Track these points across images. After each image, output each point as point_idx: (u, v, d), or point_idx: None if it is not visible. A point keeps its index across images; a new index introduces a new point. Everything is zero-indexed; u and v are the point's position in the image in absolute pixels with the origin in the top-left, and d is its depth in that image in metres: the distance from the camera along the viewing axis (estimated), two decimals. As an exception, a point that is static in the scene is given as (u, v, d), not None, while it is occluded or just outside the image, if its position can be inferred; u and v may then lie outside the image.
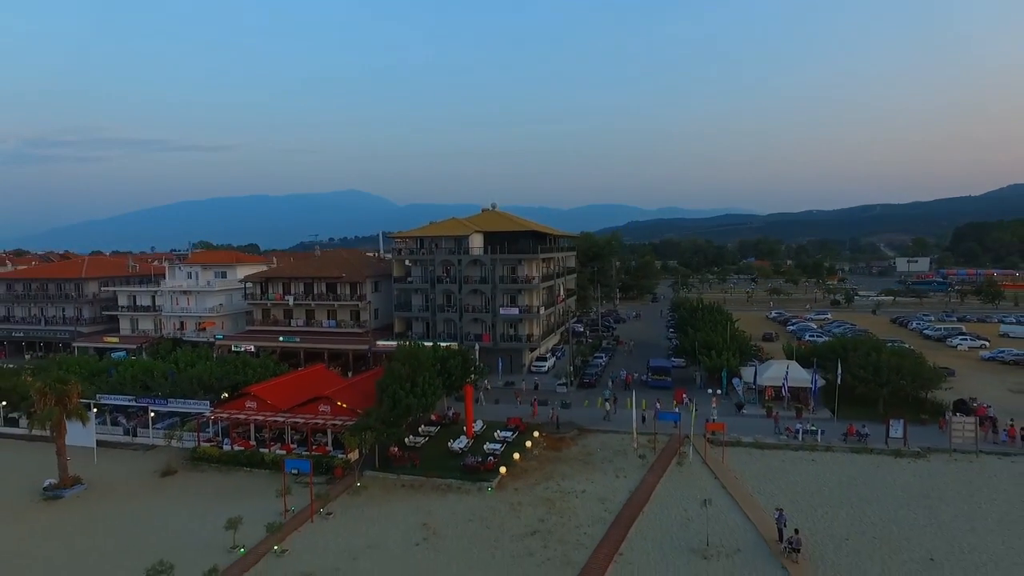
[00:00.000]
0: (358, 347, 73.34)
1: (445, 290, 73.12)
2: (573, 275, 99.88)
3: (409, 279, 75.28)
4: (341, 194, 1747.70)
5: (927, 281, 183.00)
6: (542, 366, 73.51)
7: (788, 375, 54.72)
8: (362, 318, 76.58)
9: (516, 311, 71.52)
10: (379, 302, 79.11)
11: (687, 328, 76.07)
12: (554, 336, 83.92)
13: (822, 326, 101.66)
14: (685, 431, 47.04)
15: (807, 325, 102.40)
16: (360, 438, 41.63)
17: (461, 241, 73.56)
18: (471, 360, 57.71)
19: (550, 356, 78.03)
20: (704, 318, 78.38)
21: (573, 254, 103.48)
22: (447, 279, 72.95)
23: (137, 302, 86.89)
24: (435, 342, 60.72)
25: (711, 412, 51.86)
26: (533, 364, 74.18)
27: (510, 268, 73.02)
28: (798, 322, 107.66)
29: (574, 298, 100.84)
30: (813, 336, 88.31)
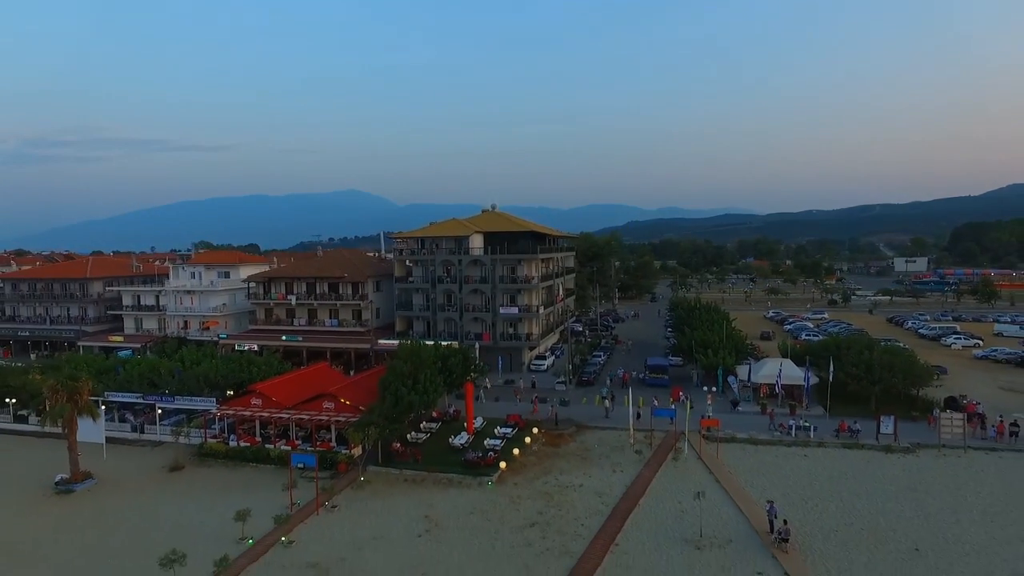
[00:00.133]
0: (360, 346, 74.41)
1: (446, 290, 74.20)
2: (572, 275, 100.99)
3: (410, 279, 76.37)
4: (341, 194, 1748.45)
5: (924, 281, 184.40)
6: (541, 364, 74.54)
7: (782, 373, 55.82)
8: (364, 317, 77.62)
9: (516, 310, 72.63)
10: (381, 301, 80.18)
11: (684, 327, 76.94)
12: (553, 335, 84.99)
13: (819, 325, 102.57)
14: (681, 427, 48.09)
15: (804, 324, 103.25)
16: (364, 434, 42.62)
17: (461, 241, 74.63)
18: (471, 358, 58.71)
19: (549, 355, 79.02)
20: (701, 317, 79.20)
21: (572, 254, 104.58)
22: (448, 279, 74.03)
23: (141, 302, 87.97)
24: (436, 341, 61.84)
25: (706, 409, 52.91)
26: (532, 362, 75.23)
27: (510, 268, 74.10)
28: (795, 321, 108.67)
29: (573, 298, 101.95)
30: (809, 335, 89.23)
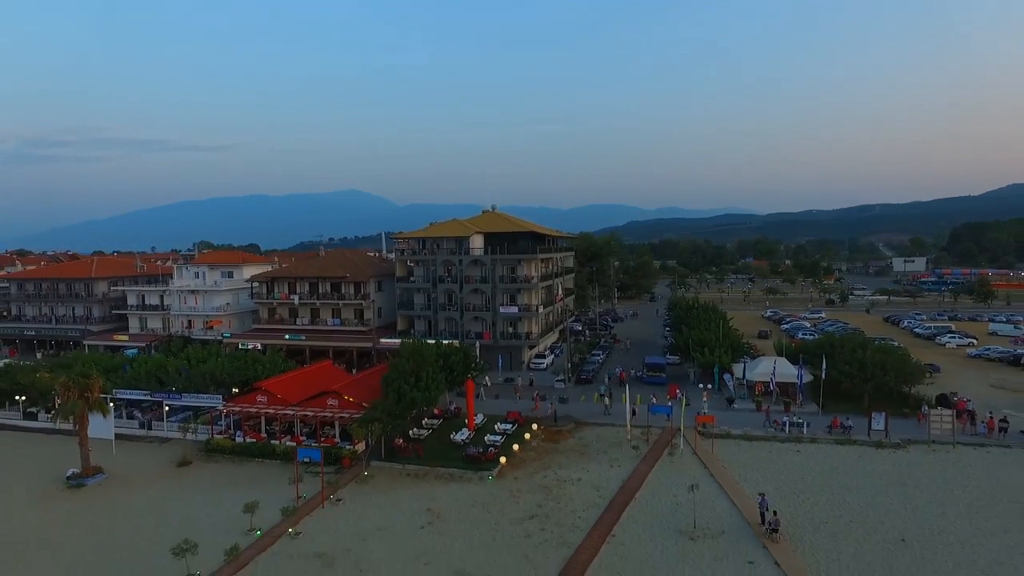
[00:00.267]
0: (362, 345, 75.51)
1: (446, 289, 75.27)
2: (571, 275, 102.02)
3: (412, 279, 77.43)
4: (341, 194, 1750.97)
5: (923, 281, 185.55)
6: (541, 363, 75.57)
7: (776, 371, 56.88)
8: (366, 316, 78.71)
9: (515, 310, 73.70)
10: (382, 301, 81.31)
11: (682, 326, 78.03)
12: (553, 334, 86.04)
13: (815, 324, 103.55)
14: (677, 424, 49.13)
15: (801, 324, 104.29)
16: (367, 430, 43.77)
17: (462, 242, 75.70)
18: (472, 357, 59.76)
19: (548, 353, 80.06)
20: (699, 317, 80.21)
21: (571, 254, 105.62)
22: (448, 279, 75.10)
23: (146, 301, 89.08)
24: (437, 340, 62.99)
25: (702, 406, 53.96)
26: (532, 361, 76.29)
27: (510, 268, 75.16)
28: (792, 321, 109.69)
29: (572, 297, 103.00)
30: (806, 334, 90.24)
